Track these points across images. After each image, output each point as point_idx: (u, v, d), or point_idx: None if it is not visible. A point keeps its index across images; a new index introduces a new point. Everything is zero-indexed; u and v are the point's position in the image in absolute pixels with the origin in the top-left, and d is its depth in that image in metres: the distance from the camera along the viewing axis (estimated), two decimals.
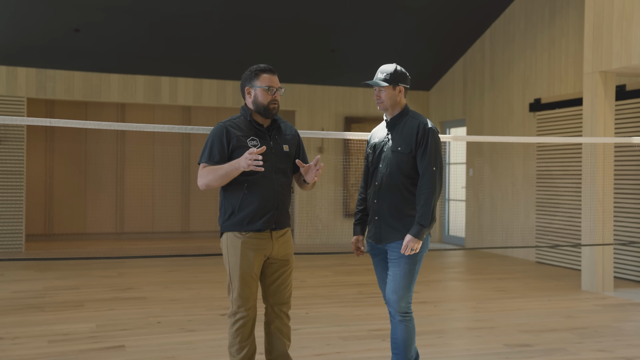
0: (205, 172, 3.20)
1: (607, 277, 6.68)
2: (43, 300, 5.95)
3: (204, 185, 3.21)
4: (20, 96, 9.21)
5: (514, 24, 9.26)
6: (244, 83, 3.33)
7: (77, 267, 7.90)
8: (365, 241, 3.57)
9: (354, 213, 3.62)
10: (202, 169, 3.22)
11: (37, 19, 8.24)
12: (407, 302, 3.35)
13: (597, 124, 6.62)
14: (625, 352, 4.44)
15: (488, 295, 6.43)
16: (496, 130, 9.58)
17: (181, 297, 6.14)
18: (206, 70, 9.90)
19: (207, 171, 3.19)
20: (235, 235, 3.25)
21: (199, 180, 3.23)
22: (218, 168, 3.17)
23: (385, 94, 3.39)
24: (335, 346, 4.47)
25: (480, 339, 4.74)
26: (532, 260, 8.82)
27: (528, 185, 8.95)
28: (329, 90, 10.82)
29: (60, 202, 10.62)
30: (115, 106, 10.86)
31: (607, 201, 6.67)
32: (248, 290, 3.25)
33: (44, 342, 4.52)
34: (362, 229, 3.56)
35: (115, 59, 9.32)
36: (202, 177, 3.21)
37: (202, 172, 3.22)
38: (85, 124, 4.33)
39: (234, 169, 3.13)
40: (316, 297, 6.22)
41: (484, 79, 9.91)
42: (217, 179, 3.17)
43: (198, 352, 4.31)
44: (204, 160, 3.24)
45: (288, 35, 9.15)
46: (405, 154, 3.33)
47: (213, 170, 3.18)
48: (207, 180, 3.19)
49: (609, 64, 6.47)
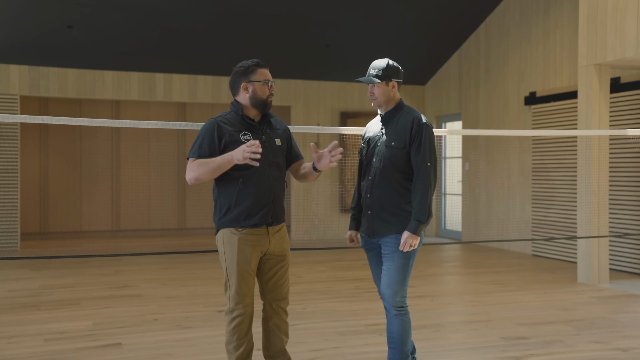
0: (194, 165, 3.15)
1: (603, 269, 6.69)
2: (39, 298, 5.94)
3: (193, 179, 3.16)
4: (13, 94, 9.16)
5: (509, 17, 9.26)
6: (238, 79, 3.28)
7: (73, 265, 7.88)
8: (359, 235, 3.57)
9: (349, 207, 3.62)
10: (191, 163, 3.17)
11: (29, 16, 8.20)
12: (402, 296, 3.35)
13: (592, 117, 6.62)
14: (621, 343, 4.46)
15: (485, 289, 6.44)
16: (492, 124, 9.58)
17: (178, 294, 6.13)
18: (201, 66, 9.87)
19: (197, 164, 3.14)
20: (232, 231, 3.23)
21: (188, 174, 3.17)
22: (209, 161, 3.12)
23: (378, 91, 3.37)
24: (333, 341, 4.47)
25: (477, 332, 4.75)
26: (529, 253, 8.84)
27: (524, 178, 8.96)
28: (325, 85, 10.80)
29: (56, 200, 10.58)
30: (109, 103, 10.82)
31: (602, 193, 6.68)
32: (245, 287, 3.24)
33: (40, 340, 4.50)
34: (357, 224, 3.56)
35: (109, 55, 9.28)
36: (191, 171, 3.16)
37: (192, 165, 3.16)
38: (79, 121, 4.31)
39: (226, 161, 3.09)
40: (313, 292, 6.23)
41: (479, 73, 9.91)
42: (208, 172, 3.13)
43: (195, 349, 4.30)
44: (193, 155, 3.19)
45: (283, 30, 9.12)
46: (398, 148, 3.32)
47: (204, 164, 3.13)
48: (197, 174, 3.14)
49: (604, 56, 6.48)
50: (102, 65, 9.52)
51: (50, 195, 10.57)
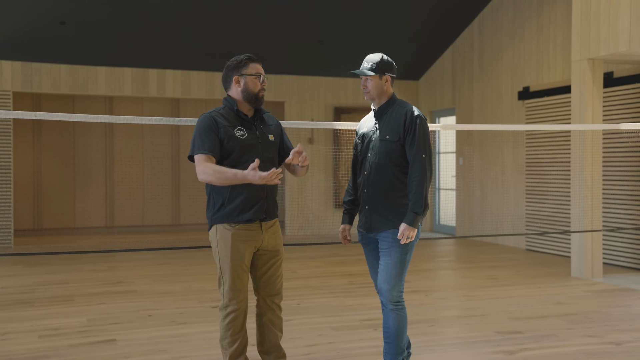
0: (209, 170, 3.07)
1: (597, 264, 6.72)
2: (33, 295, 5.92)
3: (205, 181, 3.12)
4: (5, 90, 9.12)
5: (502, 12, 9.26)
6: (231, 72, 3.28)
7: (66, 261, 7.86)
8: (353, 230, 3.57)
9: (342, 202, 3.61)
10: (204, 163, 3.10)
11: (22, 12, 8.15)
12: (398, 291, 3.35)
13: (585, 111, 6.64)
14: (615, 337, 4.48)
15: (479, 284, 6.46)
16: (485, 119, 9.60)
17: (172, 290, 6.12)
18: (194, 62, 9.84)
19: (211, 170, 3.06)
20: (225, 227, 3.23)
21: (201, 175, 3.09)
22: (226, 171, 3.05)
23: (371, 84, 3.37)
24: (327, 336, 4.48)
25: (471, 327, 4.76)
26: (522, 248, 8.87)
27: (517, 173, 8.98)
28: (318, 80, 10.79)
29: (49, 197, 10.54)
30: (102, 99, 10.78)
31: (595, 188, 6.71)
32: (239, 283, 3.24)
33: (34, 337, 4.49)
34: (350, 218, 3.56)
35: (102, 51, 9.24)
36: (205, 175, 3.08)
37: (205, 167, 3.08)
38: (72, 117, 4.29)
39: (242, 178, 3.01)
40: (307, 287, 6.23)
41: (472, 68, 9.92)
42: (221, 180, 3.07)
43: (189, 344, 4.30)
44: (201, 151, 3.12)
45: (276, 25, 9.10)
46: (393, 142, 3.32)
47: (219, 172, 3.05)
48: (210, 179, 3.07)
49: (597, 51, 6.49)
50: (95, 61, 9.47)
51: (43, 191, 10.53)
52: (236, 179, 3.03)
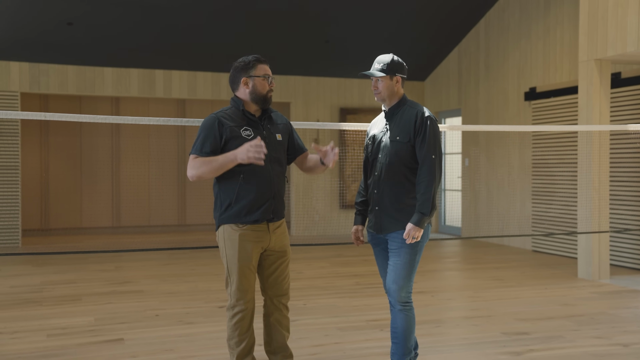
0: (197, 163, 3.14)
1: (603, 265, 6.70)
2: (41, 294, 5.95)
3: (195, 176, 3.15)
4: (13, 91, 9.16)
5: (509, 13, 9.25)
6: (239, 74, 3.28)
7: (74, 261, 7.90)
8: (365, 231, 3.57)
9: (354, 203, 3.61)
10: (193, 160, 3.16)
11: (30, 13, 8.19)
12: (407, 292, 3.36)
13: (592, 112, 6.62)
14: (622, 338, 4.47)
15: (485, 285, 6.45)
16: (492, 120, 9.58)
17: (179, 290, 6.14)
18: (200, 62, 9.86)
19: (199, 163, 3.14)
20: (232, 227, 3.23)
21: (190, 172, 3.16)
22: (212, 160, 3.12)
23: (382, 85, 3.37)
24: (334, 337, 4.48)
25: (477, 328, 4.76)
26: (529, 249, 8.85)
27: (524, 174, 8.96)
28: (324, 81, 10.80)
29: (56, 197, 10.59)
30: (109, 100, 10.82)
31: (602, 189, 6.69)
32: (247, 283, 3.25)
33: (43, 336, 4.52)
34: (362, 219, 3.55)
35: (109, 52, 9.28)
36: (193, 169, 3.14)
37: (194, 163, 3.15)
38: (79, 118, 4.31)
39: (229, 160, 3.09)
40: (314, 288, 6.24)
41: (479, 69, 9.90)
42: (211, 171, 3.13)
43: (196, 344, 4.32)
44: (196, 152, 3.18)
45: (282, 26, 9.11)
46: (404, 143, 3.32)
47: (207, 162, 3.12)
48: (200, 172, 3.13)
49: (604, 51, 6.47)
50: (102, 62, 9.51)
51: (51, 191, 10.57)
52: (223, 163, 3.10)
